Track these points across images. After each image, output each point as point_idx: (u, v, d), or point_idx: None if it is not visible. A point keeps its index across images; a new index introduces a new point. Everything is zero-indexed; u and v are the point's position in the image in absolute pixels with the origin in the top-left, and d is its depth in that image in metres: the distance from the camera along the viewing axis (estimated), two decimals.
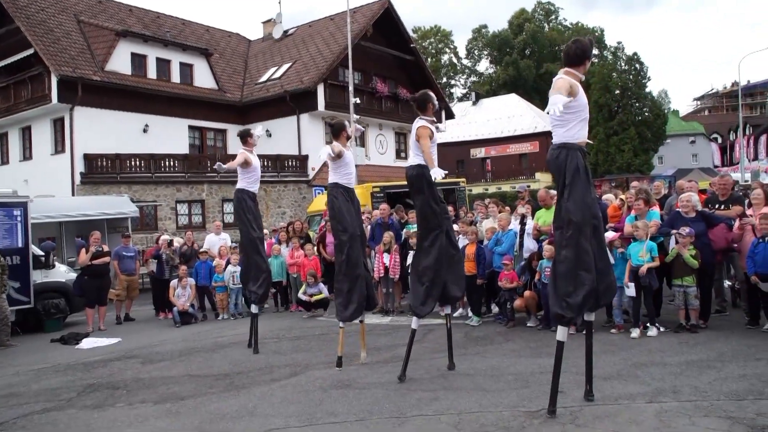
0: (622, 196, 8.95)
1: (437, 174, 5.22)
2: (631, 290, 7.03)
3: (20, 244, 10.53)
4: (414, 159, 5.83)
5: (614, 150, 40.64)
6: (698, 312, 7.12)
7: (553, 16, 65.90)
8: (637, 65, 42.17)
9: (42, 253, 11.40)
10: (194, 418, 5.08)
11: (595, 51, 61.96)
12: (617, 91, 41.67)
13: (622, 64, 43.31)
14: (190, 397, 5.78)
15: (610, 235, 7.50)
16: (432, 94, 6.06)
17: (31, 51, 21.95)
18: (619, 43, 54.40)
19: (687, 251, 6.98)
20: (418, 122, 5.78)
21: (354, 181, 6.79)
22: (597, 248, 4.67)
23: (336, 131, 6.71)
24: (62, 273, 11.64)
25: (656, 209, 7.87)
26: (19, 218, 10.58)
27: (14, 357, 8.69)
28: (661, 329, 7.09)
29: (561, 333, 4.62)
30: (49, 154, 22.26)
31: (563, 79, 4.48)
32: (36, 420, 5.36)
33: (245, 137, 7.78)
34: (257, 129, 7.94)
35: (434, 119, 5.93)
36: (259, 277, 7.73)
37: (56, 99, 21.08)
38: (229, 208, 23.41)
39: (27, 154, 23.68)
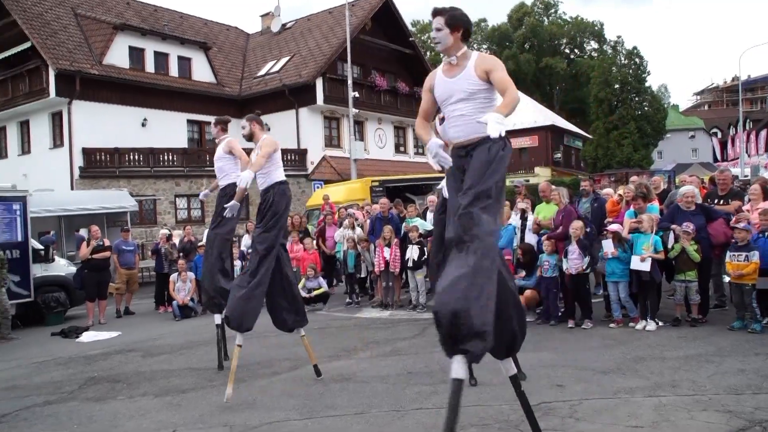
0: (620, 191, 8.96)
1: None
2: (646, 264, 6.98)
3: (20, 238, 10.54)
4: None
5: (614, 145, 40.57)
6: (699, 306, 7.15)
7: (552, 10, 65.60)
8: (636, 59, 42.02)
9: (41, 247, 11.41)
10: (195, 411, 5.10)
11: (594, 45, 62.12)
12: (617, 86, 41.54)
13: (622, 59, 43.19)
14: (190, 390, 5.80)
15: (615, 227, 7.51)
16: None
17: (28, 44, 21.86)
18: (618, 37, 54.33)
19: (690, 245, 7.00)
20: None
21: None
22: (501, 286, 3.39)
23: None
24: (62, 267, 11.66)
25: (655, 204, 7.89)
26: (18, 212, 10.58)
27: (15, 350, 8.72)
28: (660, 323, 7.12)
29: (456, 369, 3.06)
30: (47, 148, 22.23)
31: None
32: (38, 412, 5.38)
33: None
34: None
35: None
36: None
37: (54, 93, 21.02)
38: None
39: (25, 148, 23.64)
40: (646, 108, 41.99)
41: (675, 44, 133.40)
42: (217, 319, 6.58)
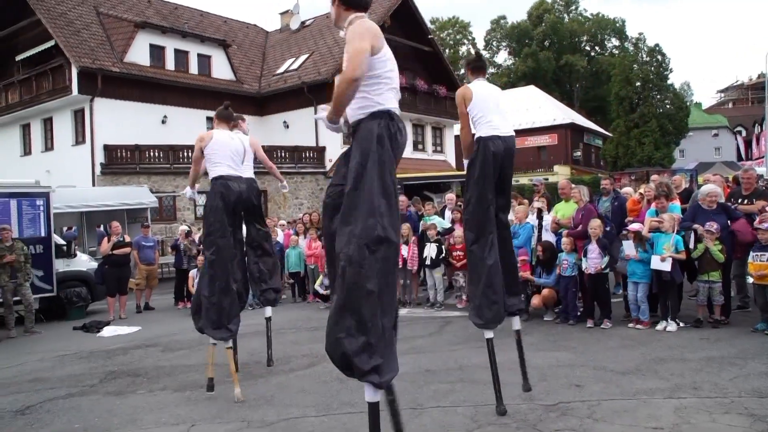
0: (641, 190, 8.84)
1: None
2: (666, 264, 6.86)
3: (43, 234, 10.71)
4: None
5: (635, 143, 40.04)
6: (721, 307, 7.03)
7: (573, 7, 65.01)
8: (659, 57, 41.41)
9: (64, 243, 11.59)
10: (213, 406, 5.14)
11: (615, 42, 61.29)
12: (638, 83, 40.99)
13: (644, 56, 42.57)
14: None
15: (636, 225, 7.42)
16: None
17: (51, 43, 22.20)
18: (640, 34, 53.45)
19: (714, 245, 6.88)
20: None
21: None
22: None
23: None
24: (84, 262, 11.83)
25: (677, 203, 7.77)
26: (41, 208, 10.75)
27: (39, 344, 8.87)
28: (681, 324, 7.02)
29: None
30: (70, 145, 22.57)
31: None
32: (60, 405, 5.47)
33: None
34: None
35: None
36: None
37: (77, 90, 21.33)
38: None
39: (49, 145, 24.03)
40: (668, 106, 41.35)
41: (698, 41, 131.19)
42: (267, 311, 6.39)
